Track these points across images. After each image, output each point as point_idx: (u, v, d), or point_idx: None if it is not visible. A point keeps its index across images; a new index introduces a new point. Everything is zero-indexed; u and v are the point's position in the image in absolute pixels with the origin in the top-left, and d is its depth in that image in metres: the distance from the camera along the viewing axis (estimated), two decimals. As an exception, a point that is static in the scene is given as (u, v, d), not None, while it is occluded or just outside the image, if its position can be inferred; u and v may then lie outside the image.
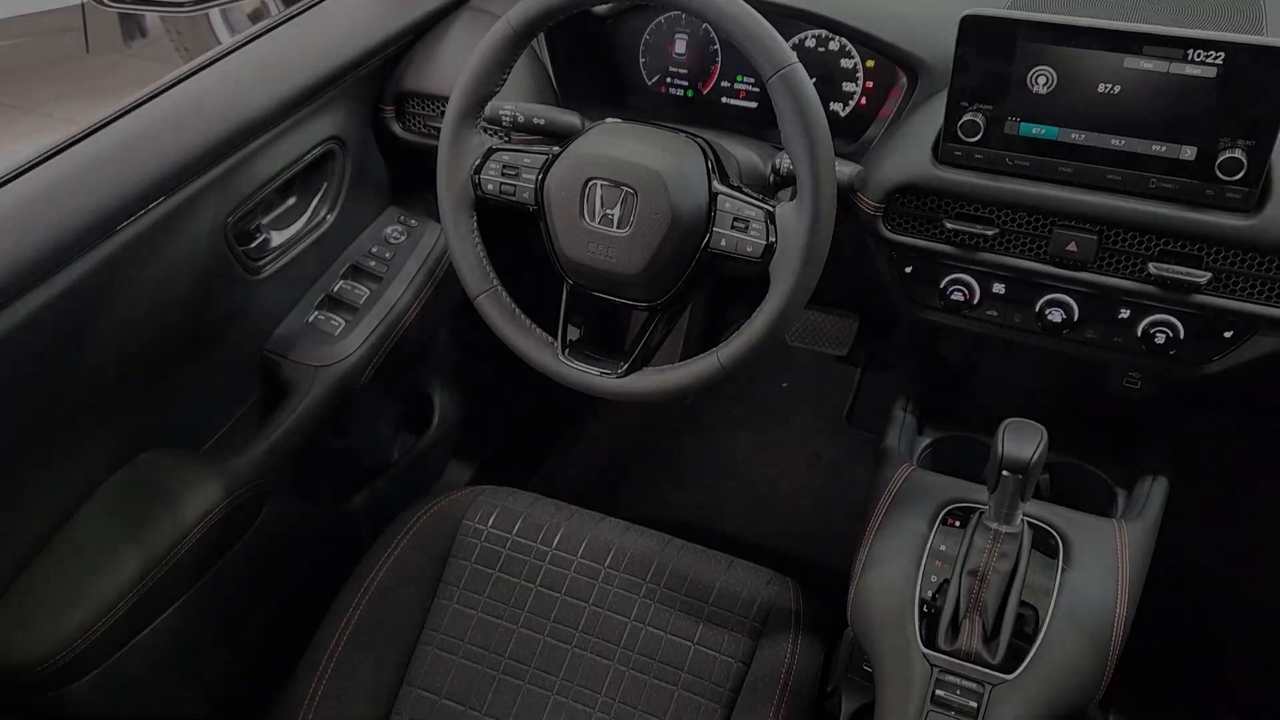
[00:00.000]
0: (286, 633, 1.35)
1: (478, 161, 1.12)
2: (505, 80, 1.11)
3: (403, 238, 1.45)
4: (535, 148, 1.11)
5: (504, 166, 1.11)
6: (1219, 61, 0.93)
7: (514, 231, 1.26)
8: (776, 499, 1.94)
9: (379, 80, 1.39)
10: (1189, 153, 0.98)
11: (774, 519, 1.91)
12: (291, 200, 1.34)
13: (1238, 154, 0.95)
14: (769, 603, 1.23)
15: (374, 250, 1.44)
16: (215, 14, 1.38)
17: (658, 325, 1.10)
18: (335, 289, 1.40)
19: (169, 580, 1.16)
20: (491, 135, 1.15)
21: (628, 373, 1.09)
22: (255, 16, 1.36)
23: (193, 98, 1.19)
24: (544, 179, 1.09)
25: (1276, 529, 1.75)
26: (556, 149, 1.09)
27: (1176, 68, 0.95)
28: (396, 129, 1.41)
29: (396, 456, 1.68)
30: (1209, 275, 1.01)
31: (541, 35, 1.33)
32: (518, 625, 1.25)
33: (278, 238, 1.32)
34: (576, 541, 1.29)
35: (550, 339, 1.14)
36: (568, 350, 1.12)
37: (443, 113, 1.15)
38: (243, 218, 1.24)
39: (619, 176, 1.04)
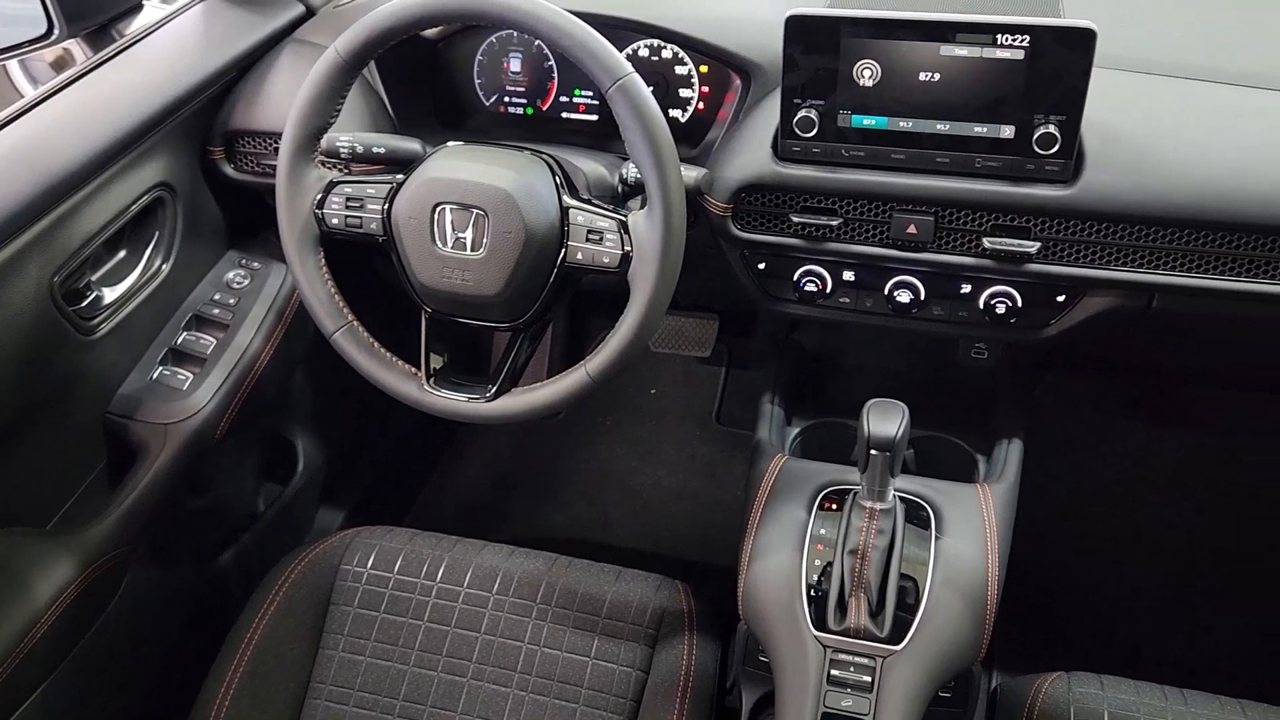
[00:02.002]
0: (163, 707, 1.28)
1: (319, 196, 1.09)
2: (339, 111, 1.08)
3: (246, 282, 1.40)
4: (377, 177, 1.09)
5: (347, 199, 1.08)
6: (1025, 44, 0.99)
7: (365, 263, 1.23)
8: (658, 504, 1.95)
9: (204, 121, 1.33)
10: (1008, 131, 1.03)
11: (658, 524, 1.92)
12: (122, 253, 1.28)
13: (1051, 129, 1.01)
14: (661, 608, 1.23)
15: (216, 297, 1.38)
16: (13, 64, 1.29)
17: (522, 344, 1.10)
18: (178, 341, 1.33)
19: (25, 670, 1.08)
20: (330, 168, 1.12)
21: (496, 395, 1.08)
22: (59, 65, 1.28)
23: (1, 154, 1.12)
24: (390, 208, 1.07)
25: (1121, 480, 1.87)
26: (400, 177, 1.07)
27: (988, 52, 1.00)
28: (228, 170, 1.35)
29: (263, 508, 1.61)
30: (1038, 245, 1.07)
31: (373, 63, 1.31)
32: (409, 665, 1.22)
33: (110, 294, 1.25)
34: (461, 572, 1.27)
35: (414, 370, 1.12)
36: (433, 379, 1.10)
37: (276, 150, 1.11)
38: (69, 276, 1.17)
39: (468, 199, 1.02)
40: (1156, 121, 1.07)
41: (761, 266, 1.21)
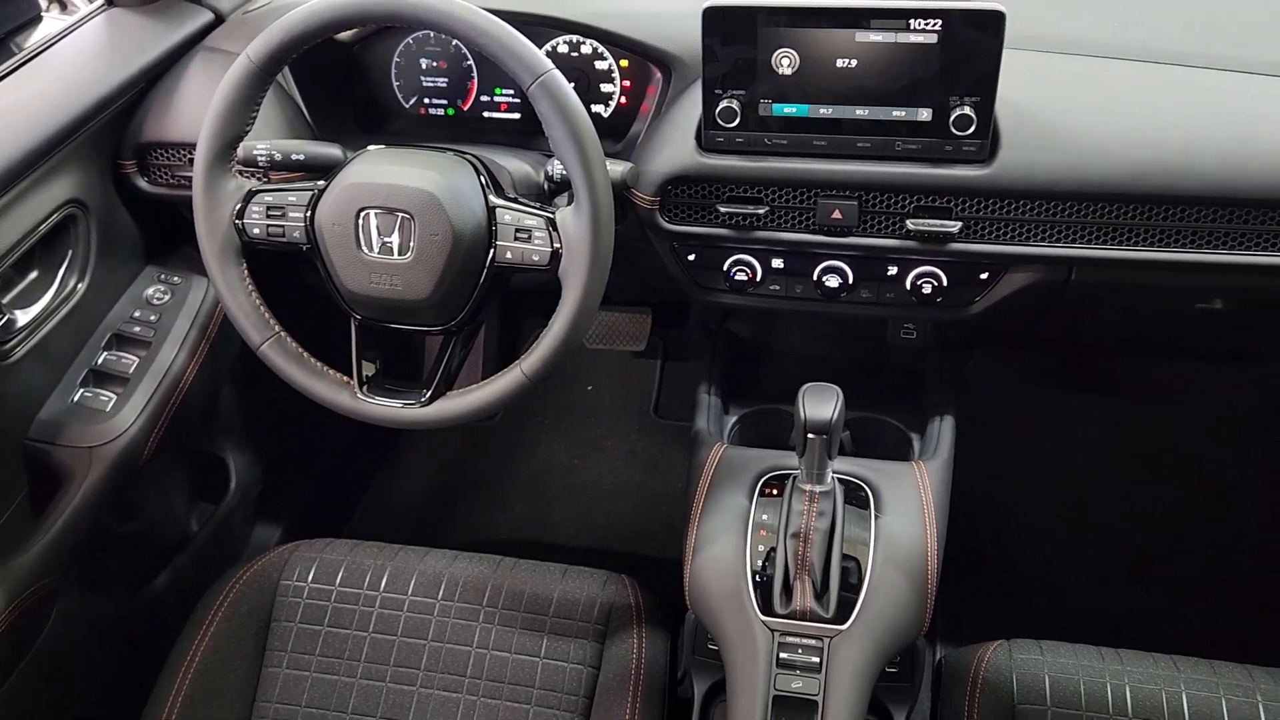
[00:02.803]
0: (102, 738, 1.24)
1: (238, 206, 1.06)
2: (255, 118, 1.06)
3: (166, 297, 1.36)
4: (298, 185, 1.07)
5: (268, 208, 1.06)
6: (938, 28, 1.00)
7: (289, 273, 1.21)
8: (600, 500, 1.95)
9: (114, 134, 1.29)
10: (925, 114, 1.05)
11: (601, 520, 1.92)
12: (34, 274, 1.23)
13: (967, 110, 1.04)
14: (609, 603, 1.23)
15: (136, 315, 1.34)
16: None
17: (455, 347, 1.09)
18: (99, 362, 1.30)
19: None
20: (249, 177, 1.10)
21: (432, 399, 1.07)
22: (-44, 82, 1.24)
23: None
24: (313, 215, 1.05)
25: (1050, 450, 1.92)
26: (321, 183, 1.05)
27: (903, 37, 1.02)
28: (141, 184, 1.32)
29: (196, 529, 1.57)
30: (960, 224, 1.09)
31: (287, 68, 1.28)
32: (356, 678, 1.20)
33: (24, 316, 1.21)
34: (405, 580, 1.26)
35: (346, 378, 1.10)
36: (366, 387, 1.09)
37: (191, 160, 1.08)
38: (-22, 299, 1.13)
39: (392, 202, 1.01)
40: (1068, 99, 1.10)
41: (691, 258, 1.21)
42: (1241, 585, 1.71)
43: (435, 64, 1.33)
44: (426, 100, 1.35)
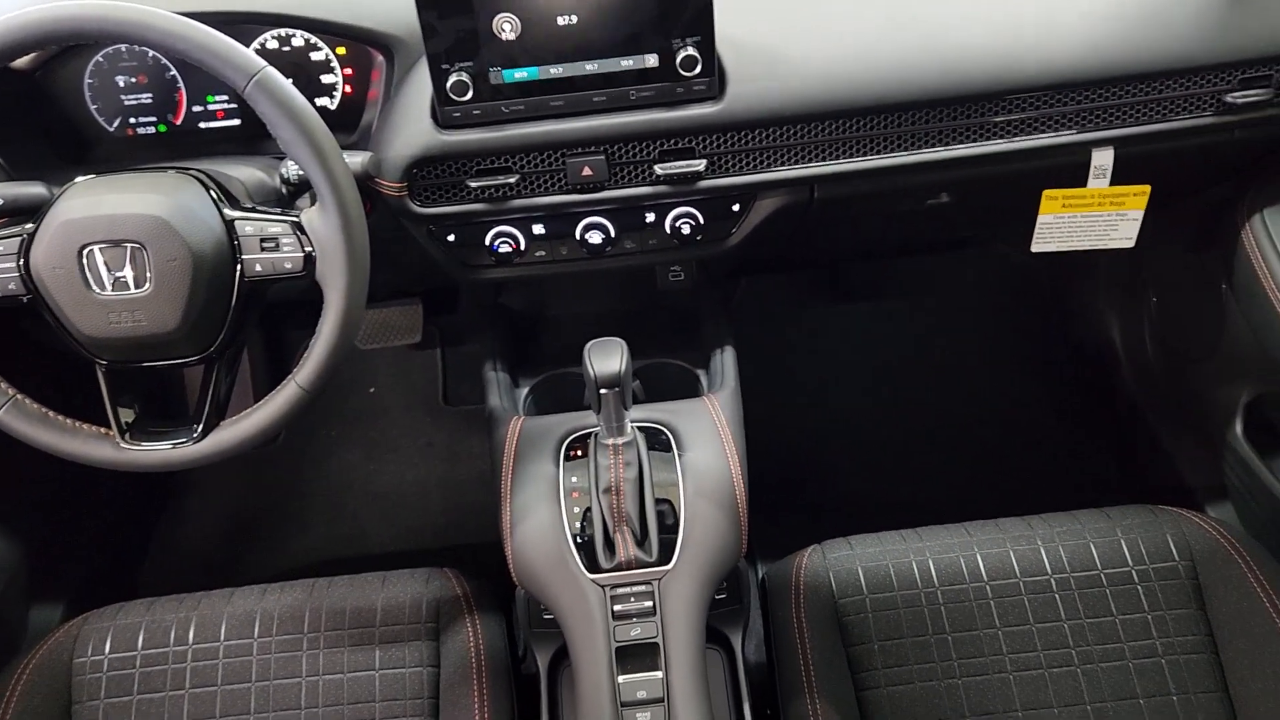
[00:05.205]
0: None
1: (-65, 265, 0.95)
2: None
3: None
4: (1, 232, 0.97)
5: None
6: (648, -26, 1.02)
7: (10, 328, 1.10)
8: (407, 501, 1.90)
9: None
10: (652, 60, 1.07)
11: (412, 520, 1.88)
12: None
13: (691, 51, 1.06)
14: (435, 599, 1.21)
15: None
16: None
17: (219, 374, 1.03)
18: None
19: None
20: None
21: (205, 433, 1.01)
22: None
23: None
24: (27, 263, 0.95)
25: (824, 359, 2.04)
26: (30, 226, 0.96)
27: (616, -14, 1.03)
28: None
29: (-38, 626, 1.42)
30: (705, 162, 1.13)
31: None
32: (183, 740, 1.13)
33: None
34: (214, 626, 1.19)
35: (104, 429, 1.02)
36: (128, 435, 1.02)
37: None
38: None
39: (117, 234, 0.94)
40: (785, 27, 1.15)
41: (451, 238, 1.19)
42: (1002, 444, 1.89)
43: (135, 79, 1.23)
44: (133, 120, 1.25)
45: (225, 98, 1.25)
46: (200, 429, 1.01)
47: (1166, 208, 1.28)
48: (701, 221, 1.19)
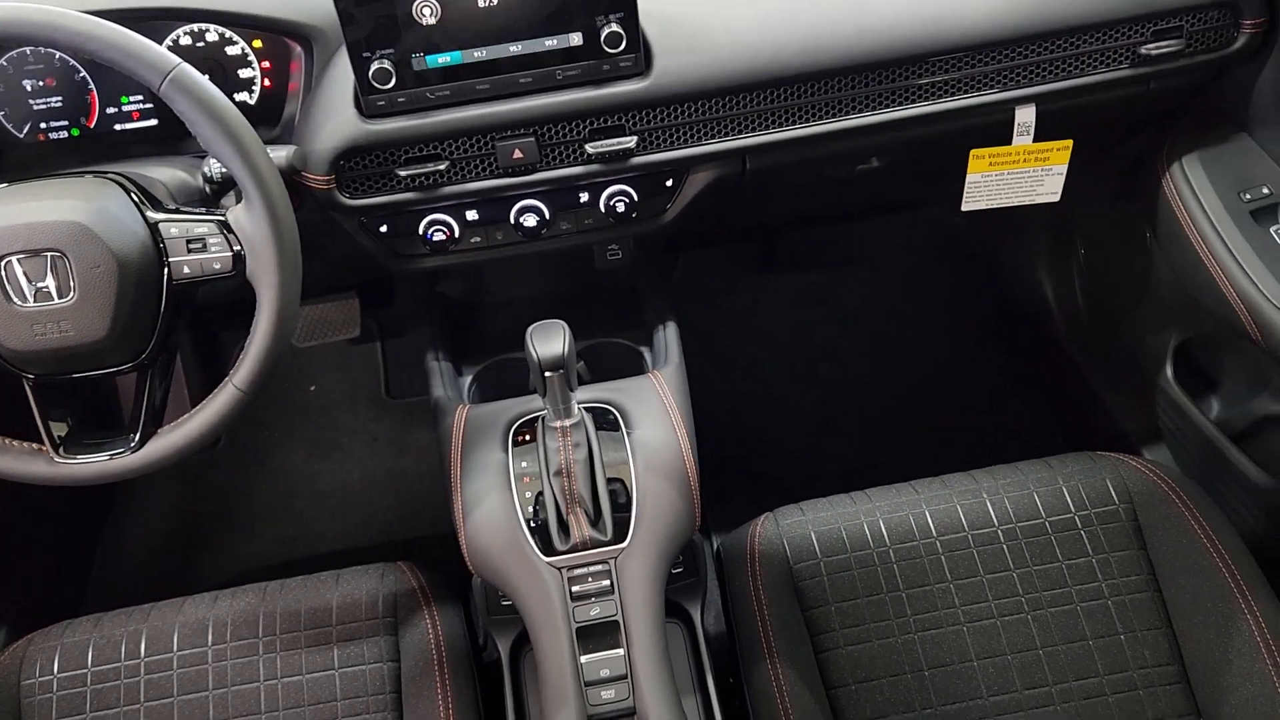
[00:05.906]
0: None
1: None
2: None
3: None
4: None
5: None
6: (566, -49, 1.02)
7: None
8: (355, 497, 1.88)
9: None
10: (577, 39, 1.07)
11: (362, 517, 1.86)
12: None
13: (615, 28, 1.06)
14: (391, 594, 1.20)
15: None
16: None
17: (153, 381, 1.01)
18: None
19: None
20: None
21: (143, 442, 0.99)
22: None
23: None
24: (-60, 278, 0.92)
25: (764, 329, 2.05)
26: None
27: (535, -34, 1.02)
28: None
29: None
30: (635, 139, 1.12)
31: None
32: (141, 756, 1.11)
33: None
34: (166, 637, 1.17)
35: (36, 445, 0.99)
36: (62, 449, 0.99)
37: None
38: None
39: (35, 243, 0.91)
40: (706, 1, 1.15)
41: (384, 229, 1.18)
42: (943, 402, 1.92)
43: (42, 82, 1.19)
44: (43, 125, 1.21)
45: (140, 98, 1.22)
46: (137, 438, 0.99)
47: (1090, 162, 1.30)
48: (636, 199, 1.18)
